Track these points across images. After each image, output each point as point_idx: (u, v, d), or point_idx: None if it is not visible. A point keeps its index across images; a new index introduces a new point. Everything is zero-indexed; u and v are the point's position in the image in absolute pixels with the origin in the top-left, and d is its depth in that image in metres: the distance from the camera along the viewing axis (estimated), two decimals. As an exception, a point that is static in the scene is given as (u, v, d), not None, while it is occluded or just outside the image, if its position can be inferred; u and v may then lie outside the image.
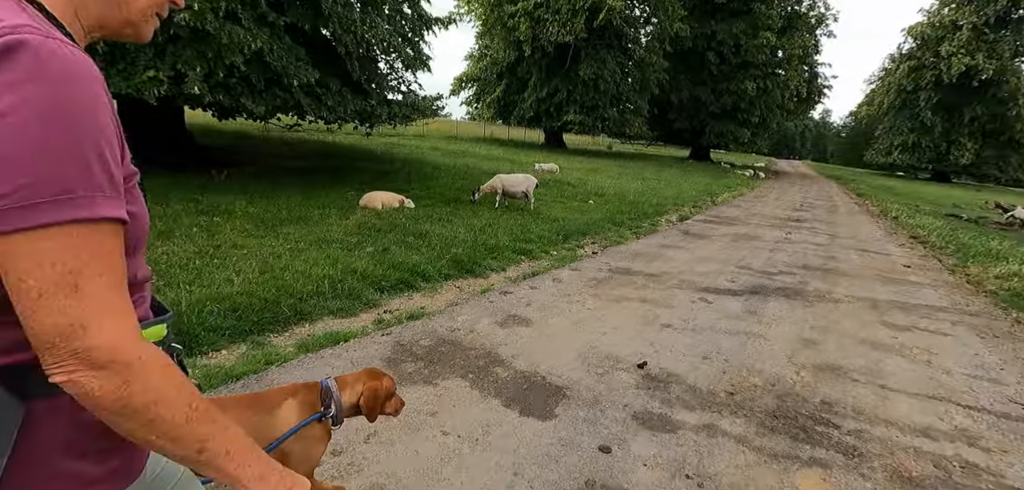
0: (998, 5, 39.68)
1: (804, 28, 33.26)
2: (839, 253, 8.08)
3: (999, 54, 39.34)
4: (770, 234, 9.41)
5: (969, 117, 41.90)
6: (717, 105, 31.80)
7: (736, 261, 6.81)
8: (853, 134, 69.25)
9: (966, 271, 7.42)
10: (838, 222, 12.05)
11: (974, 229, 13.53)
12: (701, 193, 15.42)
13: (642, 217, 10.17)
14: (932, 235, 10.47)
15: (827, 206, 15.74)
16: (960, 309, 5.42)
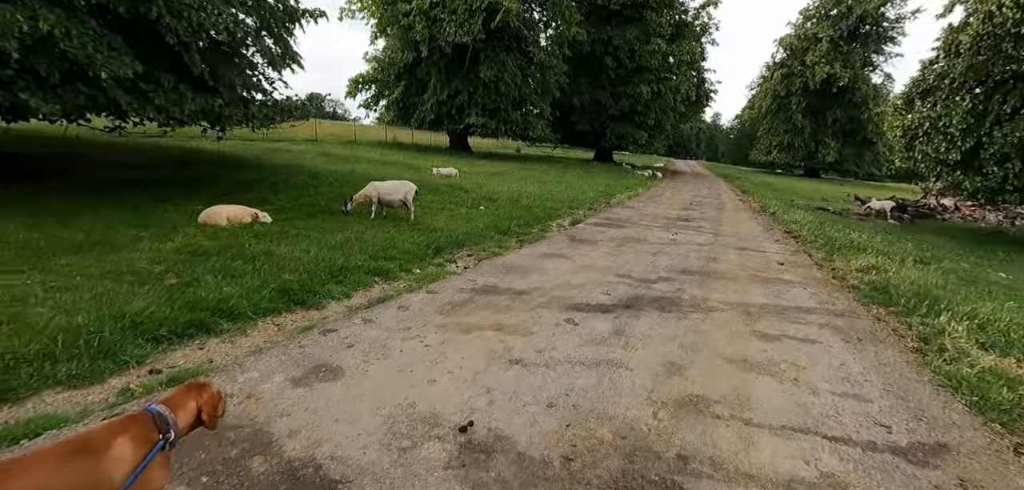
0: (849, 21, 45.00)
1: (691, 36, 35.35)
2: (720, 253, 8.03)
3: (852, 64, 44.58)
4: (657, 236, 9.26)
5: (831, 119, 47.11)
6: (616, 108, 32.79)
7: (617, 269, 6.39)
8: (740, 135, 75.58)
9: (832, 265, 7.63)
10: (722, 220, 12.39)
11: (839, 221, 14.64)
12: (599, 195, 15.37)
13: (533, 222, 9.65)
14: (804, 229, 10.99)
15: (715, 204, 16.39)
16: (826, 309, 5.32)
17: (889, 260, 7.79)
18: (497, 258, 6.65)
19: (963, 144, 13.97)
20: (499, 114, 27.07)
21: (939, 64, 16.40)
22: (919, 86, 16.88)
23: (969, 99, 14.50)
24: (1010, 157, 13.07)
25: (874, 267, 7.21)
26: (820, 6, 48.14)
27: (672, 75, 34.32)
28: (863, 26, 45.85)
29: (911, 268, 7.37)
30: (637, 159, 53.43)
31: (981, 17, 13.42)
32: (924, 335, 4.60)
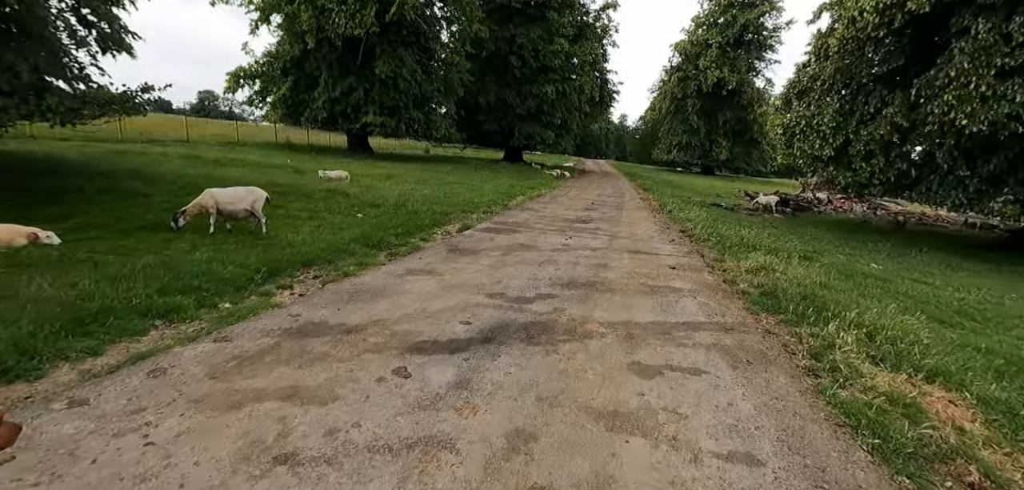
0: (734, 29, 48.53)
1: (592, 37, 35.94)
2: (612, 259, 7.41)
3: (739, 69, 48.08)
4: (550, 241, 8.51)
5: (722, 120, 50.55)
6: (523, 107, 32.43)
7: (492, 286, 5.44)
8: (644, 136, 79.34)
9: (723, 266, 7.29)
10: (621, 220, 12.03)
11: (731, 218, 15.02)
12: (500, 196, 14.54)
13: (415, 231, 8.50)
14: (698, 228, 10.86)
15: (616, 203, 16.22)
16: (716, 323, 4.73)
17: (777, 259, 7.61)
18: (349, 280, 5.44)
19: (834, 141, 14.87)
20: (399, 113, 25.47)
21: (811, 67, 17.49)
22: (795, 87, 17.93)
23: (837, 99, 15.50)
24: (875, 154, 14.04)
25: (763, 267, 6.93)
26: (709, 14, 51.51)
27: (576, 75, 34.65)
28: (746, 34, 49.67)
29: (797, 266, 7.20)
30: (548, 159, 53.92)
31: (845, 22, 14.30)
32: (815, 350, 4.10)
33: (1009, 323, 6.27)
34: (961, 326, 5.69)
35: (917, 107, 13.22)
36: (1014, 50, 11.07)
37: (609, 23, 39.07)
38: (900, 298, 6.82)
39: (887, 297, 6.80)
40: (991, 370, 4.00)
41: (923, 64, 13.31)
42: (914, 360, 3.85)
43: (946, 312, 6.34)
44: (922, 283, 8.30)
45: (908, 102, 13.43)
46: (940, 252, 12.77)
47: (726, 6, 49.63)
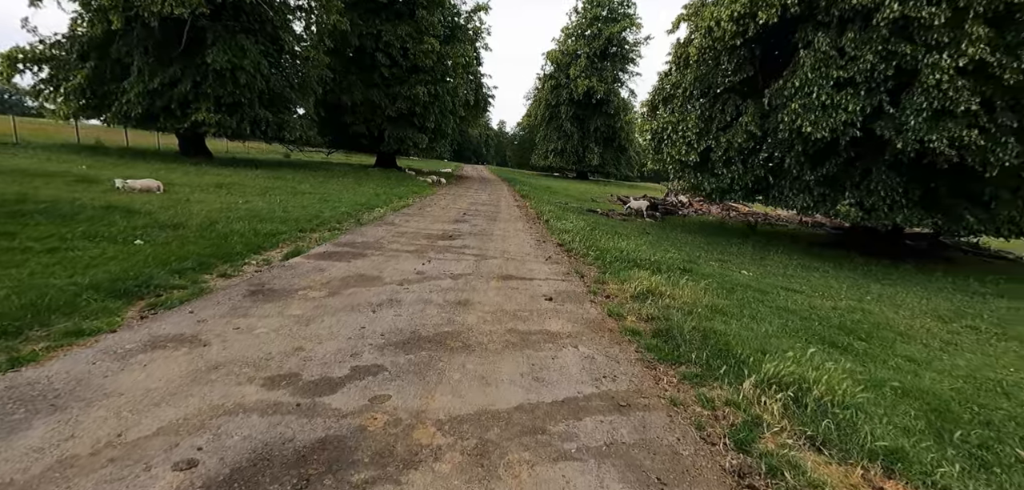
0: (600, 41, 50.95)
1: (465, 39, 34.76)
2: (477, 289, 5.90)
3: (606, 79, 50.50)
4: (402, 267, 6.76)
5: (594, 127, 52.74)
6: (393, 109, 30.06)
7: (281, 361, 3.56)
8: (522, 141, 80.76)
9: (606, 291, 6.18)
10: (494, 234, 10.67)
11: (607, 225, 14.55)
12: (358, 208, 12.36)
13: (213, 262, 6.20)
14: (576, 240, 9.89)
15: (490, 213, 14.92)
16: (608, 396, 3.40)
17: (662, 278, 6.73)
18: (16, 373, 3.18)
19: (699, 147, 15.16)
20: (241, 111, 21.68)
21: (672, 76, 17.92)
22: (659, 94, 18.25)
23: (699, 107, 15.90)
24: (733, 160, 14.49)
25: (650, 291, 5.93)
26: (577, 26, 53.55)
27: (450, 77, 33.17)
28: (611, 47, 52.45)
29: (684, 286, 6.35)
30: (425, 164, 51.71)
31: (702, 32, 14.59)
32: (738, 433, 2.94)
33: (888, 335, 5.97)
34: (853, 349, 5.14)
35: (769, 115, 13.83)
36: (847, 63, 11.84)
37: (481, 26, 38.21)
38: (783, 315, 6.27)
39: (771, 314, 6.21)
40: (931, 429, 3.18)
41: (773, 74, 13.98)
42: (861, 438, 2.85)
43: (830, 329, 5.86)
44: (794, 292, 8.09)
45: (761, 110, 14.02)
46: (791, 253, 13.42)
47: (592, 19, 51.93)
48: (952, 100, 10.32)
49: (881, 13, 11.03)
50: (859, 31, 11.81)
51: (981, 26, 10.21)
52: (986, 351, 6.02)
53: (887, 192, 12.10)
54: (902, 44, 11.04)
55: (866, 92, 11.66)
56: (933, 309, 8.20)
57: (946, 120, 10.51)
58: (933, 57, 10.53)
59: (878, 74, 11.43)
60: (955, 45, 10.40)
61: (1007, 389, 4.45)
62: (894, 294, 9.16)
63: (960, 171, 11.56)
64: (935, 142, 10.48)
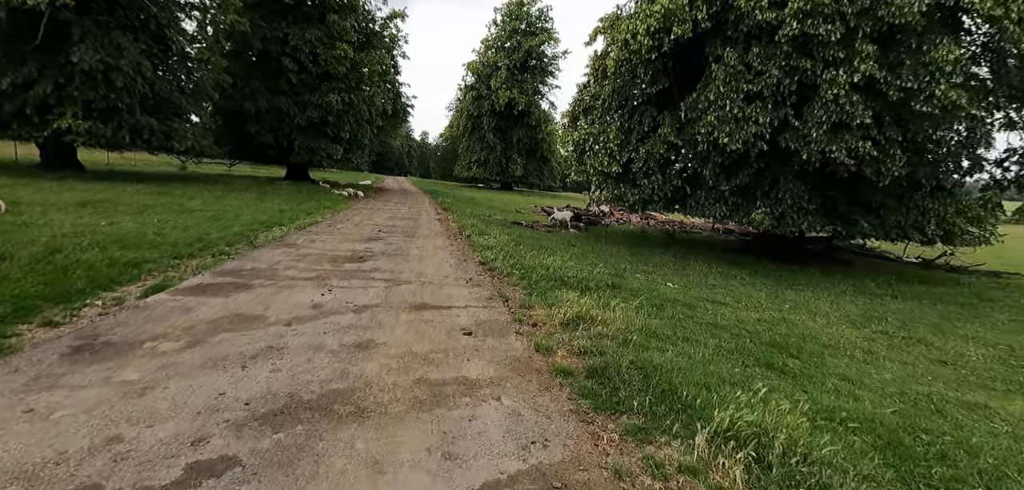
0: (519, 54, 51.43)
1: (381, 47, 33.32)
2: (384, 324, 5.02)
3: (527, 91, 50.96)
4: (296, 300, 5.70)
5: (516, 138, 52.98)
6: (303, 118, 27.96)
7: (73, 469, 2.51)
8: (445, 152, 79.56)
9: (533, 318, 5.55)
10: (411, 252, 9.74)
11: (531, 238, 14.08)
12: (253, 228, 10.86)
13: (44, 304, 4.82)
14: (499, 257, 9.22)
15: (409, 228, 13.92)
16: (537, 469, 2.71)
17: (591, 299, 6.23)
18: None
19: (621, 158, 15.19)
20: (119, 117, 18.90)
21: (591, 87, 17.99)
22: (580, 105, 18.25)
23: (619, 118, 15.98)
24: (654, 171, 14.64)
25: (581, 317, 5.38)
26: (497, 38, 53.74)
27: (366, 86, 31.54)
28: (531, 60, 53.13)
29: (615, 309, 5.87)
30: (342, 177, 49.02)
31: (619, 45, 14.65)
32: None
33: (815, 349, 5.86)
34: (789, 371, 4.89)
35: (685, 127, 14.11)
36: (754, 77, 12.27)
37: (397, 33, 36.86)
38: (715, 333, 6.00)
39: (703, 332, 5.91)
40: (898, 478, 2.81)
41: (688, 86, 14.30)
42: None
43: (762, 347, 5.64)
44: (719, 304, 7.98)
45: (678, 122, 14.28)
46: (709, 261, 13.70)
47: (511, 32, 52.34)
48: (848, 114, 10.93)
49: (783, 30, 11.50)
50: (764, 47, 12.29)
51: (869, 44, 10.93)
52: (902, 358, 6.10)
53: (794, 200, 12.67)
54: (803, 60, 11.59)
55: (773, 105, 12.13)
56: (845, 315, 8.44)
57: (844, 132, 11.13)
58: (830, 73, 11.11)
59: (783, 88, 11.92)
60: (849, 62, 11.04)
61: (937, 405, 4.35)
62: (808, 300, 9.41)
63: (855, 180, 12.34)
64: (836, 153, 11.05)
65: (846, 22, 11.07)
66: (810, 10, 11.08)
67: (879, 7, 10.92)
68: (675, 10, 12.78)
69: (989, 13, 10.18)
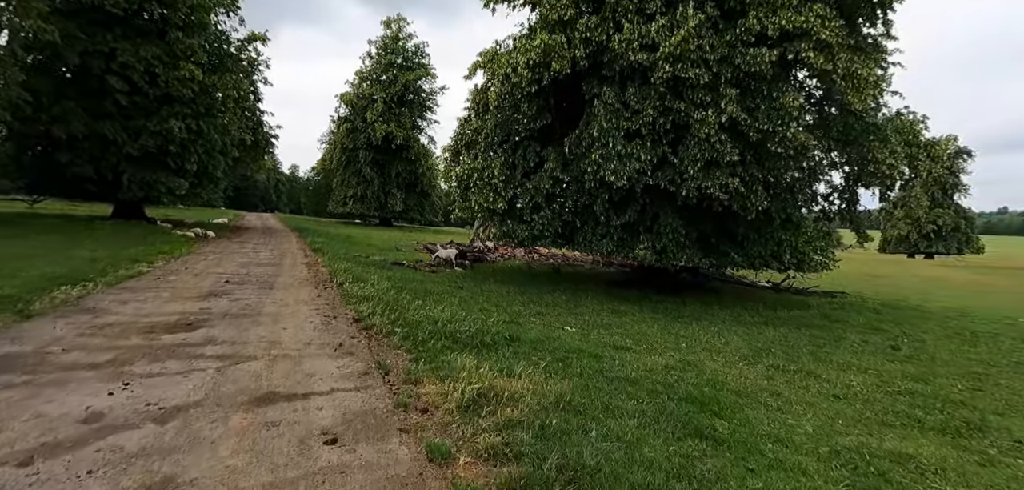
0: (396, 88, 50.03)
1: (238, 70, 29.76)
2: (200, 441, 3.46)
3: (405, 125, 49.50)
4: (59, 406, 3.82)
5: (395, 173, 50.98)
6: (135, 147, 23.50)
7: None
8: (318, 187, 74.09)
9: (422, 403, 4.34)
10: (264, 310, 7.89)
11: (415, 281, 12.75)
12: (38, 285, 8.04)
13: None
14: (378, 310, 7.80)
15: (268, 275, 11.74)
16: None
17: (491, 363, 5.20)
18: None
19: (506, 194, 14.63)
20: None
21: (472, 122, 17.43)
22: (462, 139, 17.53)
23: (502, 153, 15.49)
24: (541, 206, 14.28)
25: (482, 394, 4.32)
26: (372, 71, 51.79)
27: (220, 112, 27.71)
28: (408, 94, 51.95)
29: (522, 375, 4.92)
30: (191, 214, 42.51)
31: (500, 79, 14.27)
32: None
33: (731, 400, 5.47)
34: (719, 438, 4.33)
35: (571, 163, 14.02)
36: (632, 116, 12.55)
37: (258, 57, 33.33)
38: (629, 391, 5.34)
39: (619, 393, 5.21)
40: None
41: (571, 122, 14.30)
42: None
43: (684, 407, 5.07)
44: (623, 350, 7.48)
45: (562, 157, 14.16)
46: (598, 296, 13.56)
47: (387, 66, 50.83)
48: (719, 152, 11.53)
49: (656, 72, 11.90)
50: (639, 87, 12.67)
51: (731, 89, 11.72)
52: (804, 399, 5.99)
53: (673, 235, 13.07)
54: (676, 101, 12.09)
55: (651, 143, 12.46)
56: (736, 350, 8.48)
57: (715, 170, 11.71)
58: (701, 113, 11.69)
59: (659, 127, 12.31)
60: (715, 104, 11.72)
61: (876, 466, 4.04)
62: (698, 335, 9.41)
63: (725, 216, 13.10)
64: (711, 189, 11.55)
65: (710, 68, 11.78)
66: (680, 55, 11.59)
67: (735, 56, 11.81)
68: (554, 46, 12.69)
69: (821, 68, 11.46)
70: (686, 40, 11.38)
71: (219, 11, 29.04)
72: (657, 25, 12.06)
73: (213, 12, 28.19)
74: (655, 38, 11.91)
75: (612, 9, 12.78)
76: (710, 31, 11.85)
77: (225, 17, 30.23)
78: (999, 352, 9.73)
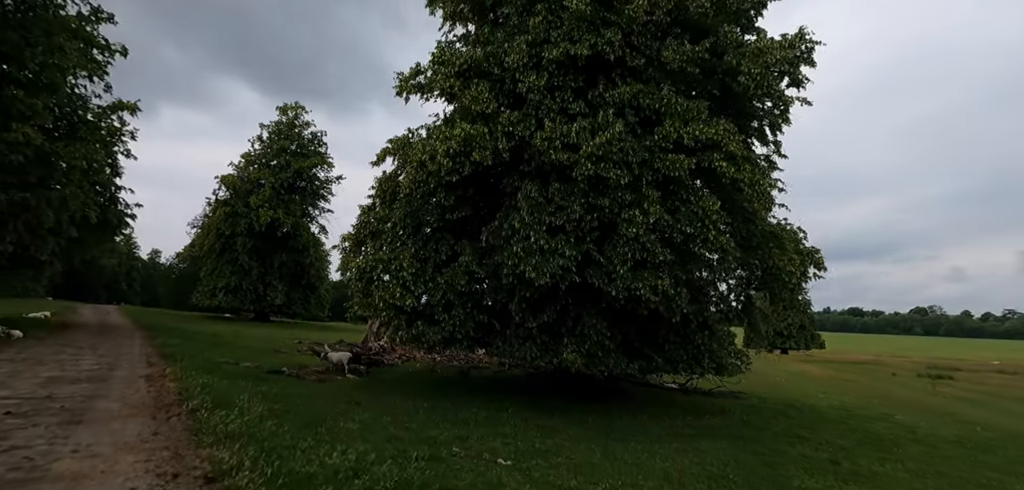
0: (288, 173, 46.76)
1: (93, 139, 25.31)
2: None
3: (294, 212, 45.79)
4: None
5: (278, 263, 46.17)
6: (-84, 219, 18.05)
7: None
8: (183, 276, 64.73)
9: None
10: (49, 475, 5.17)
11: (301, 399, 10.21)
12: None
13: None
14: (247, 456, 5.50)
15: (80, 399, 8.51)
16: None
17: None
18: None
19: (416, 290, 12.92)
20: None
21: (377, 210, 15.84)
22: (365, 228, 15.73)
23: (413, 244, 13.91)
24: (454, 305, 12.74)
25: None
26: (261, 154, 48.16)
27: (60, 184, 22.89)
28: (301, 181, 48.74)
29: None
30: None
31: (414, 165, 13.07)
32: None
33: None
34: None
35: (488, 256, 12.87)
36: (556, 211, 11.92)
37: (122, 127, 28.92)
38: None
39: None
40: None
41: (490, 214, 13.33)
42: None
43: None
44: None
45: (479, 251, 12.99)
46: (518, 408, 11.99)
47: (279, 150, 47.68)
48: (649, 252, 11.14)
49: (578, 170, 11.52)
50: (563, 184, 12.20)
51: (654, 190, 11.65)
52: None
53: (598, 338, 12.20)
54: (600, 198, 11.71)
55: (576, 239, 11.82)
56: (694, 478, 7.39)
57: (644, 270, 11.24)
58: (628, 213, 11.36)
59: (584, 224, 11.76)
60: (638, 205, 11.49)
61: None
62: (645, 462, 8.20)
63: (648, 319, 12.60)
64: (642, 290, 10.97)
65: (632, 169, 11.67)
66: (602, 155, 11.36)
67: (655, 160, 11.89)
68: (476, 136, 11.93)
69: (732, 176, 11.87)
70: (609, 142, 11.22)
71: (80, 74, 24.96)
72: (578, 126, 11.88)
73: (71, 74, 24.10)
74: (576, 139, 11.67)
75: (535, 107, 12.47)
76: (630, 135, 11.88)
77: (87, 81, 26.04)
78: (915, 459, 9.84)
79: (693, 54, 12.27)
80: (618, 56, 12.45)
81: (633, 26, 12.59)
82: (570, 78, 12.67)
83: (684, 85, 12.74)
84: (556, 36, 12.54)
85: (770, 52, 12.24)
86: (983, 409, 21.20)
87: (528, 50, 12.64)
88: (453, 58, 13.64)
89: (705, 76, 13.05)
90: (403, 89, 14.99)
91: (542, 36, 12.69)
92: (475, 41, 14.65)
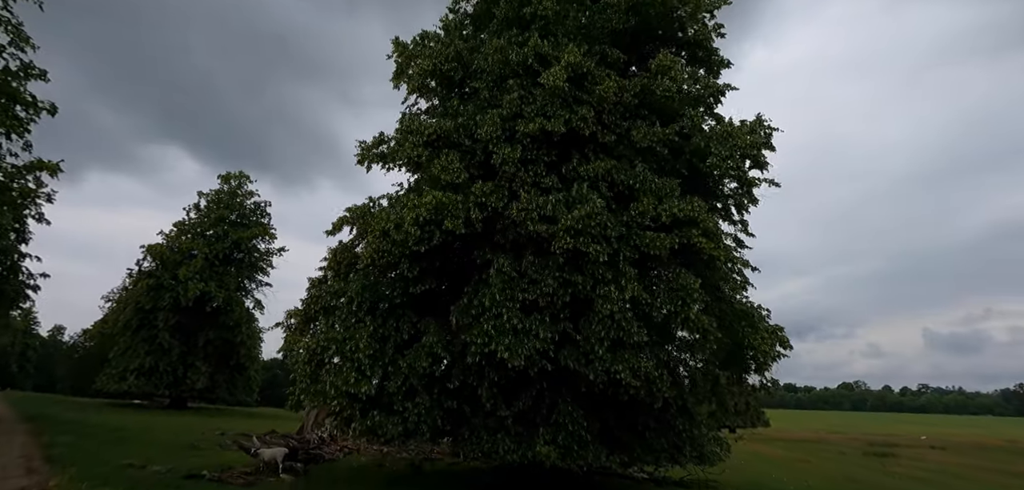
0: (224, 244, 43.66)
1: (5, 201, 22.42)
2: None
3: (227, 285, 42.30)
4: None
5: (203, 341, 41.84)
6: None
7: None
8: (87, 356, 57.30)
9: None
10: None
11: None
12: None
13: None
14: None
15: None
16: None
17: None
18: None
19: (373, 375, 11.47)
20: None
21: (330, 283, 14.46)
22: (316, 303, 14.18)
23: (370, 323, 12.55)
24: (417, 391, 11.37)
25: None
26: (197, 223, 44.93)
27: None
28: (238, 252, 45.56)
29: None
30: None
31: (377, 235, 12.08)
32: None
33: None
34: None
35: (456, 336, 11.76)
36: (529, 286, 11.18)
37: (37, 189, 25.91)
38: None
39: None
40: None
41: (456, 290, 12.35)
42: None
43: None
44: None
45: (446, 330, 11.88)
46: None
47: (217, 220, 44.68)
48: (626, 331, 10.50)
49: (556, 243, 10.98)
50: (536, 257, 11.57)
51: (631, 267, 11.21)
52: None
53: (575, 428, 11.16)
54: (575, 274, 11.12)
55: (550, 318, 11.06)
56: None
57: (623, 351, 10.55)
58: (604, 289, 10.79)
59: (558, 299, 11.07)
60: (616, 282, 10.98)
61: None
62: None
63: (627, 405, 11.75)
64: (622, 373, 10.20)
65: (611, 244, 11.25)
66: (581, 229, 10.91)
67: (632, 236, 11.57)
68: (448, 204, 11.22)
69: (711, 253, 11.70)
70: (589, 216, 10.82)
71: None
72: (554, 199, 11.49)
73: (-16, 130, 21.49)
74: (553, 212, 11.23)
75: (509, 179, 12.02)
76: (606, 211, 11.57)
77: (3, 138, 23.31)
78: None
79: (662, 135, 12.42)
80: (591, 132, 12.39)
81: (604, 104, 12.66)
82: (544, 152, 12.42)
83: (655, 163, 12.79)
84: (529, 111, 12.36)
85: (739, 136, 12.58)
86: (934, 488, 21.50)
87: (502, 123, 12.35)
88: (421, 128, 13.14)
89: (673, 156, 13.20)
90: (365, 157, 14.22)
91: (516, 110, 12.49)
92: (443, 113, 14.28)
